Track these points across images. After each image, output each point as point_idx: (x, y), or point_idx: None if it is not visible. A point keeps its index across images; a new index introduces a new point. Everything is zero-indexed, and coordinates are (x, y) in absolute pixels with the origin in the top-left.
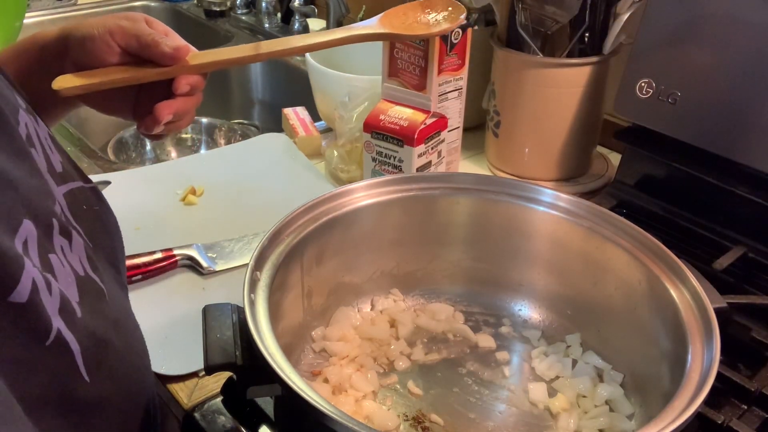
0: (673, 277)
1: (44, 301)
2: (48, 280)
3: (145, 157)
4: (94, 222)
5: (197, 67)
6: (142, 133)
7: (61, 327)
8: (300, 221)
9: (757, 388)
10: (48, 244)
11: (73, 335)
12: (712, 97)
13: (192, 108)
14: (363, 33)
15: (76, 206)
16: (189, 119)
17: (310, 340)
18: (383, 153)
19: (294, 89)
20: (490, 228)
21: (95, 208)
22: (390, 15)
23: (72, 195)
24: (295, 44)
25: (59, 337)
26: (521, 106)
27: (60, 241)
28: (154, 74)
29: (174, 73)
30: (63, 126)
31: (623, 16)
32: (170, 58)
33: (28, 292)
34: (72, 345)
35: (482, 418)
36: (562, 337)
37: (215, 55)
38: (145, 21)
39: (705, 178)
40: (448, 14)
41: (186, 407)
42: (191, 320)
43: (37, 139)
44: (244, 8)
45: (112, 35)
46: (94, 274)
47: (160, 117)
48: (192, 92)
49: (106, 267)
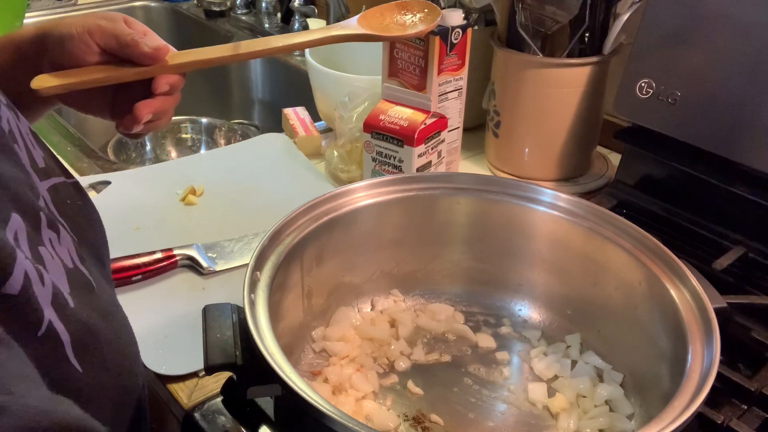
0: (673, 277)
1: (37, 293)
2: (40, 272)
3: (145, 157)
4: (77, 216)
5: (176, 66)
6: (120, 132)
7: (52, 318)
8: (300, 221)
9: (757, 388)
10: (37, 237)
11: (64, 326)
12: (712, 97)
13: (171, 107)
14: (341, 33)
15: (59, 201)
16: (168, 118)
17: (310, 340)
18: (383, 153)
19: (294, 89)
20: (490, 228)
21: (78, 202)
22: (368, 16)
23: (55, 190)
24: (275, 44)
25: (50, 328)
26: (521, 106)
27: (48, 233)
28: (134, 74)
29: (153, 73)
30: (63, 126)
31: (623, 16)
32: (150, 57)
33: (21, 284)
34: (62, 336)
35: (482, 418)
36: (562, 337)
37: (194, 55)
38: (124, 21)
39: (705, 178)
40: (424, 16)
41: (186, 407)
42: (191, 320)
43: (19, 135)
44: (244, 8)
45: (91, 35)
46: (83, 267)
47: (140, 116)
48: (171, 92)
49: (92, 261)
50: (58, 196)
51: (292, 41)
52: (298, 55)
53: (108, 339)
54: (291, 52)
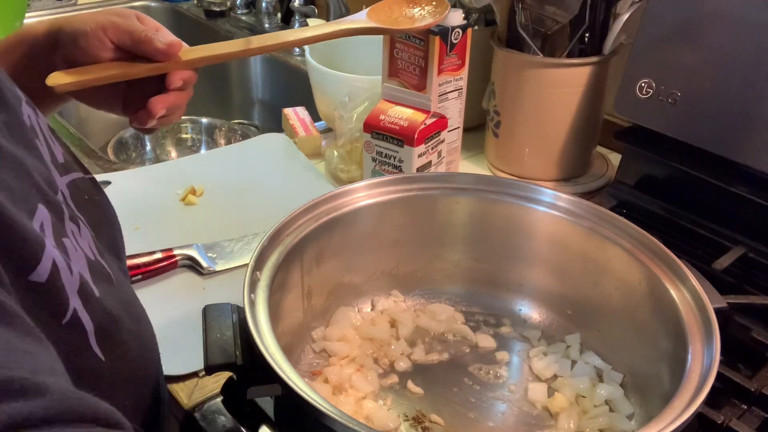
0: (673, 277)
1: (64, 281)
2: (68, 261)
3: (145, 157)
4: (95, 211)
5: (189, 62)
6: (134, 127)
7: (77, 306)
8: (300, 221)
9: (757, 388)
10: (61, 229)
11: (88, 315)
12: (712, 97)
13: (184, 102)
14: (352, 27)
15: (78, 196)
16: (180, 113)
17: (310, 341)
18: (383, 153)
19: (294, 89)
20: (490, 228)
21: (96, 198)
22: (377, 9)
23: (74, 185)
24: (286, 38)
25: (75, 316)
26: (521, 106)
27: (71, 226)
28: (148, 70)
29: (167, 69)
30: (63, 126)
31: (623, 16)
32: (163, 53)
33: (48, 272)
34: (87, 324)
35: (482, 418)
36: (562, 337)
37: (207, 51)
38: (136, 17)
39: (705, 178)
40: (433, 9)
41: (186, 407)
42: (191, 320)
43: (39, 131)
44: (244, 8)
45: (105, 31)
46: (102, 259)
47: (155, 111)
48: (184, 87)
49: (109, 255)
50: (78, 191)
51: (303, 35)
52: (298, 55)
53: (129, 329)
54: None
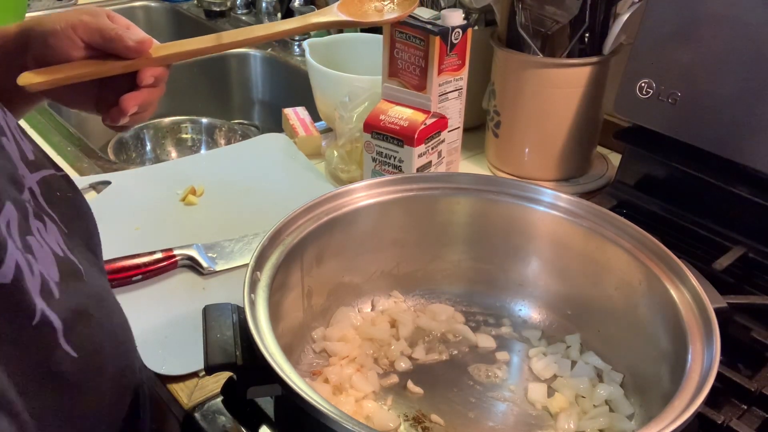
0: (673, 277)
1: (28, 282)
2: (29, 261)
3: (145, 157)
4: (68, 208)
5: (161, 59)
6: (107, 125)
7: (43, 307)
8: (300, 221)
9: (757, 388)
10: (26, 227)
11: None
12: (712, 97)
13: (156, 99)
14: (321, 20)
15: (50, 193)
16: (152, 110)
17: (311, 341)
18: (383, 153)
19: (294, 89)
20: (490, 228)
21: (68, 194)
22: (347, 2)
23: (46, 182)
24: (258, 33)
25: (44, 316)
26: (521, 106)
27: (36, 223)
28: (119, 67)
29: (138, 66)
30: (63, 126)
31: (623, 16)
32: (134, 51)
33: (12, 273)
34: (55, 323)
35: (482, 418)
36: (562, 337)
37: (178, 47)
38: (107, 15)
39: (705, 178)
40: (401, 1)
41: (186, 407)
42: (191, 320)
43: (7, 128)
44: (244, 8)
45: (75, 30)
46: (72, 255)
47: (126, 109)
48: (156, 83)
49: (83, 251)
50: (50, 189)
51: (274, 30)
52: (298, 55)
53: (100, 322)
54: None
